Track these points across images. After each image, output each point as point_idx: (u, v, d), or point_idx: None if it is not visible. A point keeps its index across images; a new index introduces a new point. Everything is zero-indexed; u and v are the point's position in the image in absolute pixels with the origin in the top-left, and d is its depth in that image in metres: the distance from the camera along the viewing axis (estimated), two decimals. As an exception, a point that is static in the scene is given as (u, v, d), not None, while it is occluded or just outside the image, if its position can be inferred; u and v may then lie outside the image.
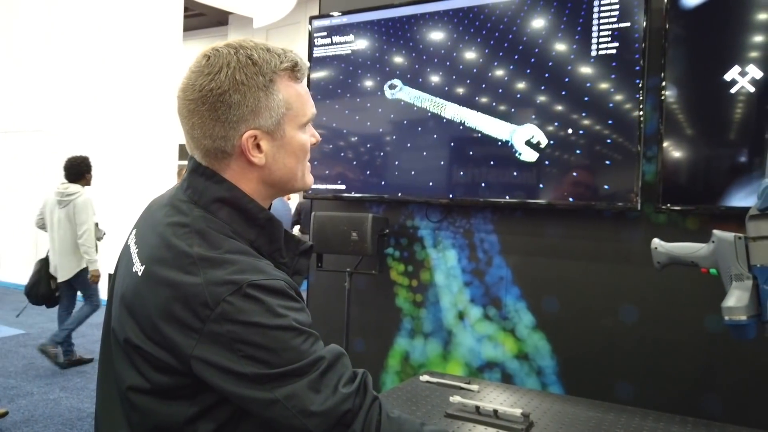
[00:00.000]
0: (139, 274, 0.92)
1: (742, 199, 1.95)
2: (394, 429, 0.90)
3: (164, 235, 0.92)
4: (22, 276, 7.96)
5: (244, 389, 0.84)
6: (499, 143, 2.42)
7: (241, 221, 0.94)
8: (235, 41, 0.94)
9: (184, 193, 0.96)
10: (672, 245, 1.39)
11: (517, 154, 2.38)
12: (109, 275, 3.20)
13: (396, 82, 2.68)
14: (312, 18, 2.97)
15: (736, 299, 1.22)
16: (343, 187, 2.85)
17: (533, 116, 2.36)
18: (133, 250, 0.97)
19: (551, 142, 2.31)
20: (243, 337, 0.83)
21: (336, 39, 2.88)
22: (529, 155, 2.35)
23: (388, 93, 2.70)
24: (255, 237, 0.94)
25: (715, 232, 1.30)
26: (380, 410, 0.91)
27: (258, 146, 0.94)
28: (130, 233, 1.02)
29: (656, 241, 1.42)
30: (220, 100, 0.90)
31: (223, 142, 0.92)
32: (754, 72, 1.94)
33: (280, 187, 1.00)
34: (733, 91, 1.98)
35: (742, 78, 1.96)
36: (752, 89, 1.95)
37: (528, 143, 2.36)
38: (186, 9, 7.99)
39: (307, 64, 0.98)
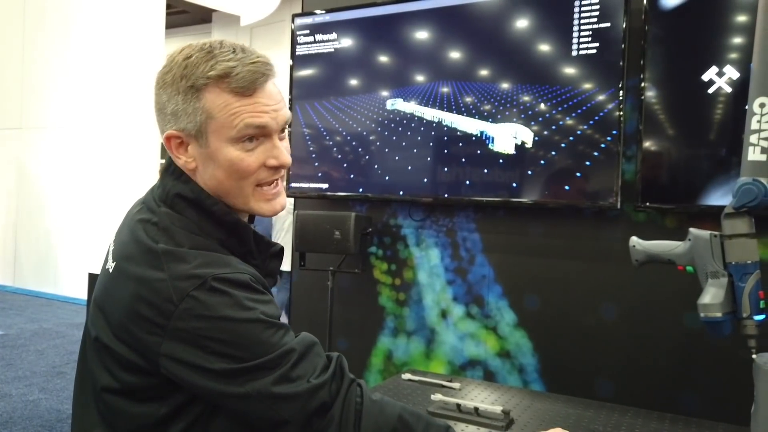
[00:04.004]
0: (110, 271, 0.92)
1: (720, 197, 1.97)
2: (376, 411, 0.89)
3: (134, 231, 0.92)
4: (1, 276, 7.84)
5: (215, 385, 0.83)
6: (482, 142, 2.43)
7: (208, 222, 0.92)
8: (207, 41, 0.93)
9: (156, 190, 0.97)
10: (650, 243, 1.41)
11: (497, 149, 2.39)
12: (90, 274, 3.15)
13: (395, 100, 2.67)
14: (294, 16, 2.95)
15: (712, 296, 1.24)
16: (326, 185, 2.84)
17: (514, 116, 2.37)
18: (111, 248, 0.97)
19: (535, 138, 2.33)
20: (210, 333, 0.82)
21: (319, 37, 2.87)
22: (509, 149, 2.37)
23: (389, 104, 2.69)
24: (225, 237, 0.93)
25: (692, 230, 1.32)
26: (361, 393, 0.90)
27: (186, 150, 0.93)
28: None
29: (634, 239, 1.43)
30: (157, 96, 0.94)
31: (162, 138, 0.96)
32: (731, 72, 1.97)
33: (225, 201, 0.95)
34: (710, 91, 2.01)
35: (719, 78, 1.99)
36: (729, 89, 1.98)
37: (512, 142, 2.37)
38: (168, 6, 7.90)
39: (266, 75, 0.92)
